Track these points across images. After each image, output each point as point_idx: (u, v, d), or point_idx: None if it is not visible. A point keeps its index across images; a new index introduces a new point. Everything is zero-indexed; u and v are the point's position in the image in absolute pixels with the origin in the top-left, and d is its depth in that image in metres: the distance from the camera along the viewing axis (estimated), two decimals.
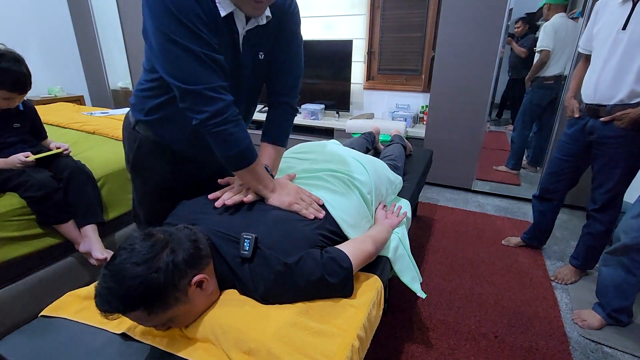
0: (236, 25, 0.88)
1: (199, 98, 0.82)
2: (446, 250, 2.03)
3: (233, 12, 0.86)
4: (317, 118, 3.48)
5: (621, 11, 1.42)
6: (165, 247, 0.71)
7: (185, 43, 0.78)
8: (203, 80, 0.82)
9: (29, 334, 0.80)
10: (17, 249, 1.35)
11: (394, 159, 1.69)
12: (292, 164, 1.24)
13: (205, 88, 0.82)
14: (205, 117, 0.83)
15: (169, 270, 0.69)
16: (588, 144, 1.63)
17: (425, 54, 3.18)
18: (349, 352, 0.70)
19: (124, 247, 0.70)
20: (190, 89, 0.81)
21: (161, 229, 0.77)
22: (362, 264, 0.93)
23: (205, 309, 0.78)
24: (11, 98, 1.39)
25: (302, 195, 1.00)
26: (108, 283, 0.67)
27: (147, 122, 1.01)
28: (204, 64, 0.81)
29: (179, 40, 0.78)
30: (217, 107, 0.83)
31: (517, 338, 1.42)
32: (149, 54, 0.89)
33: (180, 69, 0.81)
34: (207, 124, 0.84)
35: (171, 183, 1.10)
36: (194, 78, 0.81)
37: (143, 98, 1.00)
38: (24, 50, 3.40)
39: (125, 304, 0.67)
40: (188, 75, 0.81)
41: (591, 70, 1.56)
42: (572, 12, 2.74)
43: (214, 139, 0.88)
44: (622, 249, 1.37)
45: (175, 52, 0.79)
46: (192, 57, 0.80)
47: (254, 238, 0.82)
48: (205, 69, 0.82)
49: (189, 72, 0.81)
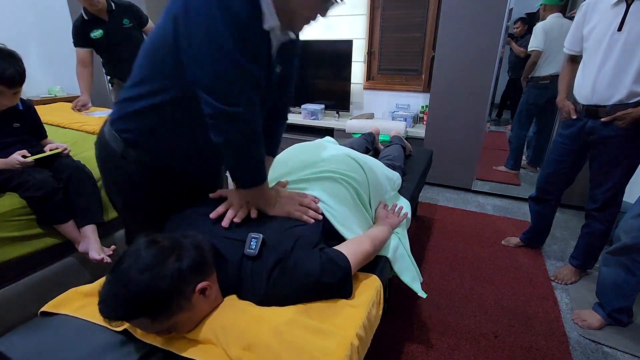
0: (272, 39, 0.82)
1: (236, 119, 0.76)
2: (446, 250, 2.03)
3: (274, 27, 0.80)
4: (317, 118, 3.48)
5: (615, 12, 1.42)
6: (171, 255, 0.70)
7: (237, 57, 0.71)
8: (246, 101, 0.75)
9: (30, 331, 0.80)
10: (17, 249, 1.35)
11: (391, 159, 1.69)
12: (287, 164, 1.23)
13: (247, 110, 0.76)
14: (235, 137, 0.78)
15: (174, 277, 0.68)
16: (585, 144, 1.63)
17: (425, 54, 3.18)
18: (348, 350, 0.70)
19: (129, 254, 0.69)
20: (229, 111, 0.74)
21: (166, 235, 0.76)
22: (361, 264, 0.93)
23: (207, 314, 0.78)
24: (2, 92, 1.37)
25: (299, 200, 1.00)
26: (113, 290, 0.66)
27: (142, 143, 0.90)
28: (248, 82, 0.75)
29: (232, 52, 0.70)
30: (250, 129, 0.79)
31: (517, 338, 1.42)
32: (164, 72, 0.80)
33: (224, 85, 0.73)
34: (234, 144, 0.80)
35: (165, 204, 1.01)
36: (238, 98, 0.75)
37: (137, 115, 0.87)
38: (24, 51, 3.40)
39: (130, 312, 0.66)
40: (232, 95, 0.74)
41: (587, 72, 1.56)
42: (572, 12, 2.75)
43: (234, 157, 0.84)
44: (623, 249, 1.37)
45: (223, 66, 0.71)
46: (241, 73, 0.73)
47: (261, 238, 0.82)
48: (249, 87, 0.76)
49: (235, 91, 0.74)
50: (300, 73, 4.13)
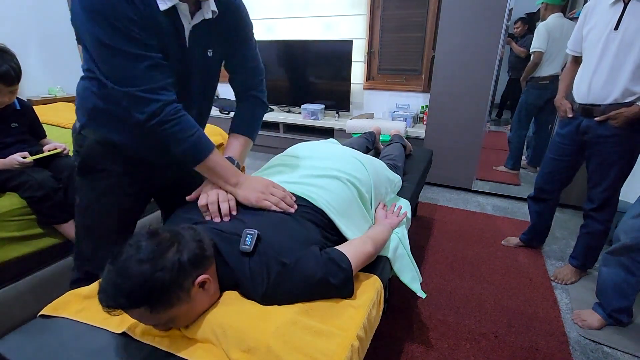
0: (180, 20, 0.87)
1: (133, 100, 0.82)
2: (446, 250, 2.03)
3: (176, 7, 0.84)
4: (317, 118, 3.48)
5: (612, 12, 1.43)
6: (172, 246, 0.71)
7: (117, 46, 0.78)
8: (137, 82, 0.81)
9: (29, 333, 0.80)
10: (17, 249, 1.35)
11: (393, 158, 1.69)
12: (290, 162, 1.24)
13: (139, 90, 0.81)
14: (143, 119, 0.83)
15: (174, 269, 0.69)
16: (582, 143, 1.64)
17: (425, 54, 3.19)
18: (348, 352, 0.70)
19: (130, 244, 0.70)
20: (124, 91, 0.81)
21: (167, 227, 0.77)
22: (362, 265, 0.93)
23: (206, 309, 0.78)
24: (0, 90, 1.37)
25: (272, 190, 0.98)
26: (113, 279, 0.67)
27: (93, 124, 0.97)
28: (138, 66, 0.80)
29: (111, 43, 0.77)
30: (151, 109, 0.83)
31: (517, 338, 1.42)
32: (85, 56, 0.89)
33: (114, 71, 0.81)
34: (145, 126, 0.84)
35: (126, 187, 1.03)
36: (128, 80, 0.81)
37: (84, 100, 0.96)
38: (24, 50, 3.41)
39: (130, 301, 0.67)
40: (122, 78, 0.81)
41: (584, 71, 1.57)
42: (572, 12, 2.75)
43: (159, 139, 0.87)
44: (622, 249, 1.37)
45: (108, 55, 0.79)
46: (125, 59, 0.79)
47: (256, 234, 0.82)
48: (139, 70, 0.81)
49: (123, 74, 0.81)
50: (300, 73, 4.16)
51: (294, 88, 3.75)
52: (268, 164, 1.28)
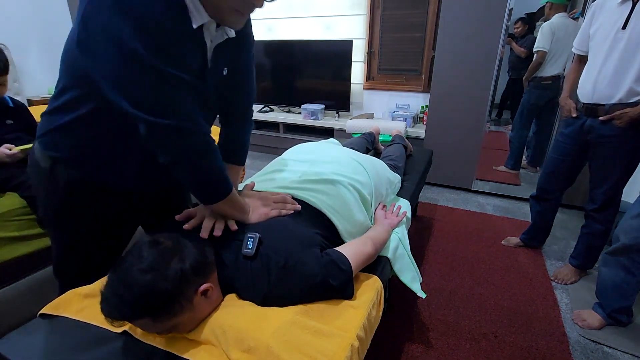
0: (204, 39, 0.74)
1: (174, 133, 0.69)
2: (446, 250, 2.03)
3: (205, 24, 0.71)
4: (317, 118, 3.48)
5: (620, 11, 1.42)
6: (174, 255, 0.70)
7: (156, 64, 0.63)
8: (179, 111, 0.68)
9: (30, 332, 0.80)
10: (17, 249, 1.35)
11: (394, 159, 1.69)
12: (290, 165, 1.24)
13: (183, 120, 0.69)
14: (182, 154, 0.73)
15: (177, 278, 0.68)
16: (585, 143, 1.63)
17: (425, 54, 3.19)
18: (348, 352, 0.70)
19: (132, 253, 0.69)
20: (163, 123, 0.67)
21: (168, 235, 0.75)
22: (362, 266, 0.93)
23: (208, 315, 0.78)
24: None
25: (273, 198, 0.98)
26: (115, 290, 0.66)
27: (72, 159, 0.81)
28: (178, 90, 0.67)
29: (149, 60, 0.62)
30: (196, 142, 0.73)
31: (517, 338, 1.42)
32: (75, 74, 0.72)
33: (149, 96, 0.65)
34: (183, 162, 0.74)
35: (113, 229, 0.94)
36: (168, 109, 0.67)
37: (62, 130, 0.79)
38: (24, 51, 3.41)
39: (133, 312, 0.66)
40: (160, 106, 0.66)
41: (589, 70, 1.56)
42: (572, 12, 2.75)
43: (188, 175, 0.78)
44: (622, 249, 1.37)
45: (142, 76, 0.63)
46: (164, 81, 0.65)
47: (258, 237, 0.81)
48: (180, 96, 0.68)
49: (162, 101, 0.66)
50: (300, 73, 4.16)
51: (294, 88, 3.75)
52: (267, 168, 1.27)
